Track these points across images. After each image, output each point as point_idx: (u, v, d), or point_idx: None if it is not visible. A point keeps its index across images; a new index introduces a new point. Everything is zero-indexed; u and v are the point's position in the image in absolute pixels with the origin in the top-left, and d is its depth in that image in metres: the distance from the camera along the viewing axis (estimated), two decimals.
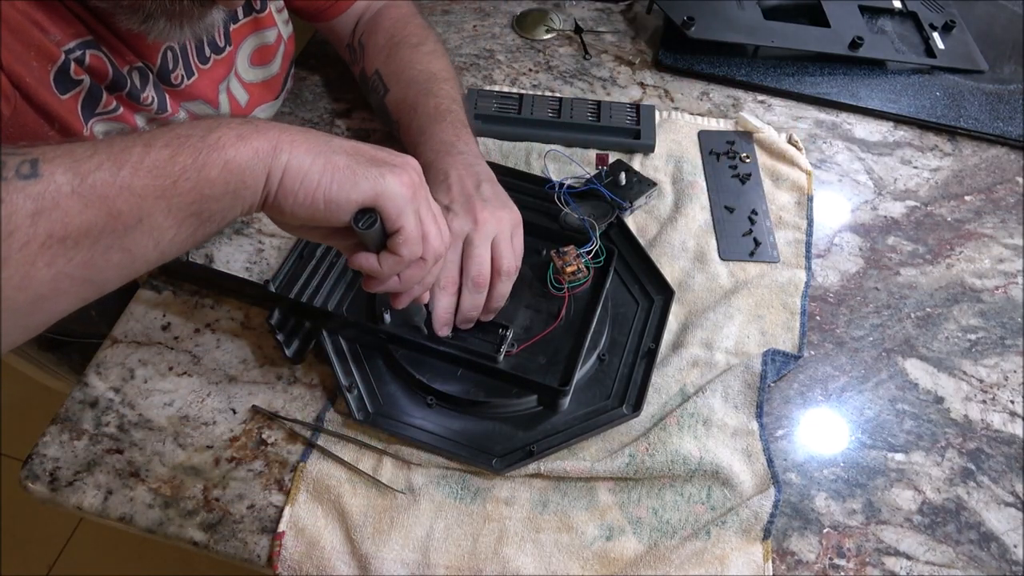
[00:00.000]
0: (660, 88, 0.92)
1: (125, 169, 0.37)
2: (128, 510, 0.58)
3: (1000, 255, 0.77)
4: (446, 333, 0.62)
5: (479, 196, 0.63)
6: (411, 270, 0.50)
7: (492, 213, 0.62)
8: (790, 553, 0.58)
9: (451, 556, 0.56)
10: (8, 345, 0.38)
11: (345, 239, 0.49)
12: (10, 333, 0.37)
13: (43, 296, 0.37)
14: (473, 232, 0.61)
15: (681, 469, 0.59)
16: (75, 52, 0.56)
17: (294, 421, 0.62)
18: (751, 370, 0.64)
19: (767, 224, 0.77)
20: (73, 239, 0.36)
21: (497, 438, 0.61)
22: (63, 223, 0.36)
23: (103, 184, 0.37)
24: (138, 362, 0.66)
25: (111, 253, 0.38)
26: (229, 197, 0.41)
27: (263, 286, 0.67)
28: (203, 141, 0.40)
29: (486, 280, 0.61)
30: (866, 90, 0.92)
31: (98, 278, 0.38)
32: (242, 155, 0.40)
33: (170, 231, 0.39)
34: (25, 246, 0.35)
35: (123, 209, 0.37)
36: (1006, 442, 0.64)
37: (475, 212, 0.61)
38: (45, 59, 0.54)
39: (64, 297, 0.38)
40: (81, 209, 0.36)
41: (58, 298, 0.38)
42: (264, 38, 0.76)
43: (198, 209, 0.40)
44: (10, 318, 0.36)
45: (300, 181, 0.42)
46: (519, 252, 0.64)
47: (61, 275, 0.36)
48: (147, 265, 0.40)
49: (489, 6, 1.02)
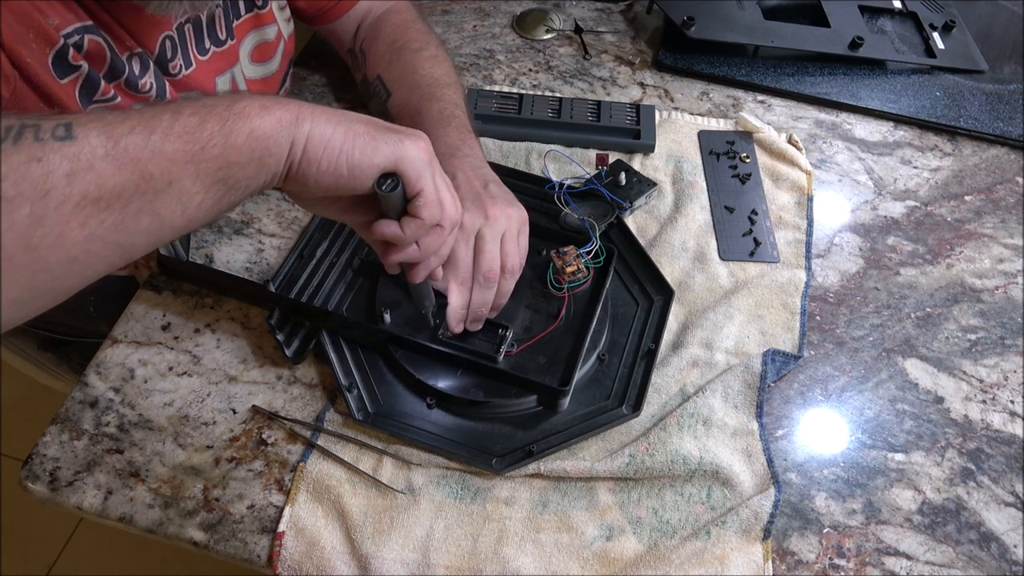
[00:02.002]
0: (660, 88, 0.92)
1: (156, 134, 0.38)
2: (128, 510, 0.58)
3: (1000, 255, 0.77)
4: (460, 330, 0.63)
5: (487, 194, 0.64)
6: (430, 237, 0.51)
7: (502, 210, 0.63)
8: (790, 553, 0.58)
9: (451, 556, 0.56)
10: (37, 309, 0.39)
11: (361, 214, 0.50)
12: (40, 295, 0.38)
13: (75, 258, 0.37)
14: (484, 227, 0.61)
15: (681, 469, 0.59)
16: (73, 37, 0.56)
17: (294, 421, 0.62)
18: (751, 370, 0.64)
19: (767, 224, 0.77)
20: (106, 201, 0.37)
21: (497, 438, 0.61)
22: (97, 184, 0.36)
23: (135, 147, 0.38)
24: (138, 362, 0.66)
25: (141, 217, 0.39)
26: (254, 165, 0.42)
27: (263, 286, 0.67)
28: (229, 110, 0.41)
29: (497, 275, 0.61)
30: (866, 90, 0.92)
31: (127, 243, 0.39)
32: (266, 123, 0.41)
33: (197, 196, 0.40)
34: (61, 205, 0.35)
35: (154, 172, 0.38)
36: (1006, 442, 0.64)
37: (486, 208, 0.62)
38: (44, 42, 0.54)
39: (94, 261, 0.38)
40: (114, 171, 0.37)
41: (88, 261, 0.38)
42: (264, 35, 0.77)
43: (224, 175, 0.41)
44: (42, 279, 0.37)
45: (323, 148, 0.43)
46: (524, 251, 0.64)
47: (93, 237, 0.37)
48: (174, 232, 0.41)
49: (489, 6, 1.02)
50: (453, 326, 0.62)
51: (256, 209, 0.77)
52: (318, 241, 0.71)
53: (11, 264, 0.35)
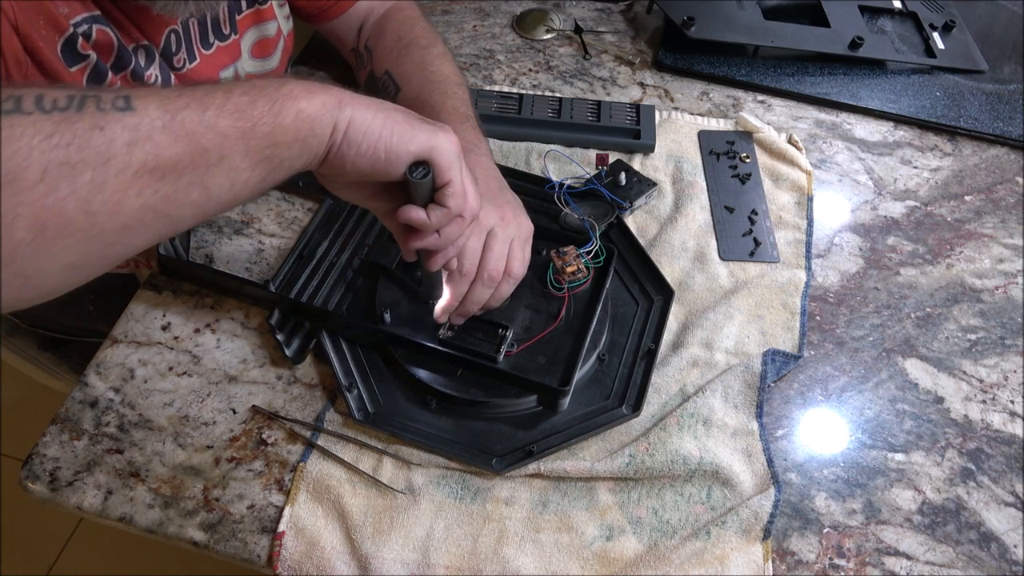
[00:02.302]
0: (660, 88, 0.92)
1: (210, 110, 0.40)
2: (128, 510, 0.58)
3: (1000, 255, 0.77)
4: (444, 320, 0.63)
5: (503, 197, 0.65)
6: (452, 227, 0.52)
7: (515, 216, 0.64)
8: (790, 553, 0.58)
9: (451, 556, 0.56)
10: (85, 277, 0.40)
11: (387, 201, 0.51)
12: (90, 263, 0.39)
13: (128, 226, 0.38)
14: (498, 227, 0.62)
15: (681, 469, 0.59)
16: (82, 26, 0.57)
17: (294, 421, 0.62)
18: (751, 370, 0.64)
19: (767, 224, 0.77)
20: (162, 171, 0.38)
21: (497, 438, 0.61)
22: (155, 155, 0.38)
23: (190, 121, 0.39)
24: (138, 362, 0.66)
25: (192, 190, 0.40)
26: (299, 145, 0.43)
27: (263, 286, 0.67)
28: (278, 91, 0.42)
29: (500, 275, 0.61)
30: (866, 90, 0.92)
31: (176, 214, 0.40)
32: (312, 106, 0.43)
33: (245, 173, 0.42)
34: (120, 173, 0.37)
35: (208, 146, 0.39)
36: (1006, 442, 0.64)
37: (502, 210, 0.63)
38: (54, 29, 0.55)
39: (144, 230, 0.40)
40: (171, 143, 0.38)
41: (139, 230, 0.39)
42: (265, 31, 0.77)
43: (271, 154, 0.42)
44: (96, 246, 0.38)
45: (363, 133, 0.45)
46: (527, 259, 0.65)
47: (146, 207, 0.38)
48: (219, 207, 0.42)
49: (489, 6, 1.02)
50: (438, 314, 0.62)
51: (256, 209, 0.77)
52: (318, 241, 0.71)
53: (70, 228, 0.36)
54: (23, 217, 0.34)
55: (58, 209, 0.35)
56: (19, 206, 0.34)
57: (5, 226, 0.34)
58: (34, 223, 0.35)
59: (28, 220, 0.34)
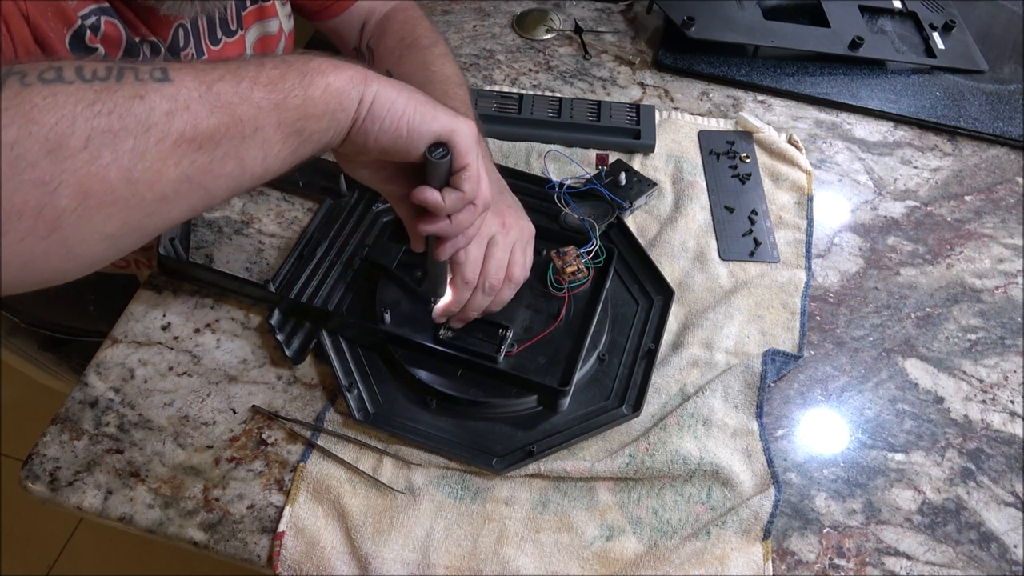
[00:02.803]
0: (660, 88, 0.92)
1: (244, 82, 0.41)
2: (128, 510, 0.58)
3: (1000, 255, 0.77)
4: (442, 320, 0.63)
5: (504, 201, 0.65)
6: (464, 213, 0.52)
7: (516, 220, 0.64)
8: (790, 553, 0.58)
9: (451, 556, 0.56)
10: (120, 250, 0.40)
11: (401, 185, 0.52)
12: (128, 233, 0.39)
13: (166, 197, 0.39)
14: (499, 234, 0.61)
15: (681, 469, 0.59)
16: (90, 19, 0.57)
17: (294, 421, 0.62)
18: (751, 370, 0.64)
19: (767, 224, 0.77)
20: (199, 141, 0.39)
21: (497, 438, 0.61)
22: (193, 124, 0.38)
23: (226, 93, 0.40)
24: (138, 362, 0.66)
25: (227, 161, 0.40)
26: (328, 118, 0.44)
27: (263, 286, 0.67)
28: (306, 66, 0.43)
29: (500, 283, 0.61)
30: (866, 90, 0.92)
31: (212, 186, 0.41)
32: (340, 80, 0.44)
33: (276, 145, 0.42)
34: (160, 142, 0.37)
35: (243, 117, 0.40)
36: (1006, 442, 0.64)
37: (503, 215, 0.63)
38: (62, 21, 0.55)
39: (181, 202, 0.40)
40: (208, 113, 0.39)
41: (176, 201, 0.40)
42: (267, 28, 0.77)
43: (301, 127, 0.43)
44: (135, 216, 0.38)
45: (388, 108, 0.45)
46: (529, 264, 0.65)
47: (184, 177, 0.39)
48: (252, 180, 0.43)
49: (489, 6, 1.02)
50: (437, 316, 0.62)
51: (256, 209, 0.77)
52: (318, 241, 0.71)
53: (112, 197, 0.36)
54: (68, 184, 0.34)
55: (101, 176, 0.35)
56: (64, 173, 0.34)
57: (50, 193, 0.34)
58: (78, 190, 0.35)
59: (72, 187, 0.35)
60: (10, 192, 0.33)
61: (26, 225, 0.34)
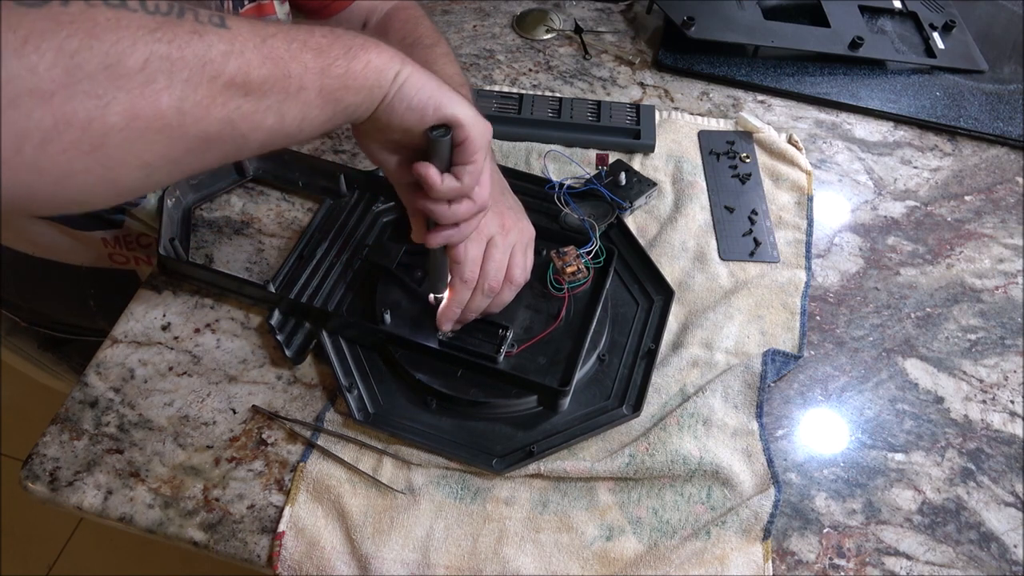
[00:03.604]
0: (660, 88, 0.92)
1: (295, 43, 0.42)
2: (128, 510, 0.58)
3: (1000, 255, 0.77)
4: (447, 328, 0.63)
5: (504, 203, 0.64)
6: (462, 205, 0.53)
7: (516, 222, 0.63)
8: (790, 553, 0.58)
9: (451, 556, 0.56)
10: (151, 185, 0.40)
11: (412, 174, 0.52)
12: (163, 167, 0.39)
13: (208, 136, 0.39)
14: (498, 236, 0.61)
15: (681, 469, 0.59)
16: None
17: (294, 421, 0.62)
18: (751, 370, 0.64)
19: (767, 224, 0.77)
20: (248, 88, 0.40)
21: (497, 438, 0.61)
22: (245, 70, 0.39)
23: (278, 47, 0.41)
24: (138, 362, 0.66)
25: (269, 114, 0.41)
26: (364, 93, 0.45)
27: (263, 286, 0.67)
28: (353, 40, 0.45)
29: (499, 285, 0.61)
30: (866, 90, 0.92)
31: (251, 136, 0.41)
32: (381, 59, 0.45)
33: (315, 109, 0.43)
34: (214, 79, 0.38)
35: (292, 74, 0.41)
36: (1006, 442, 0.64)
37: (503, 217, 0.62)
38: None
39: (219, 145, 0.41)
40: (260, 62, 0.40)
41: (215, 144, 0.40)
42: None
43: (340, 96, 0.44)
44: (176, 150, 0.39)
45: (418, 89, 0.47)
46: (530, 265, 0.65)
47: (228, 121, 0.39)
48: (284, 139, 0.44)
49: (489, 6, 1.02)
50: (441, 324, 0.62)
51: (256, 209, 0.77)
52: (318, 241, 0.71)
53: (159, 123, 0.37)
54: (120, 102, 0.35)
55: (153, 101, 0.36)
56: (119, 91, 0.35)
57: (102, 108, 0.34)
58: (129, 110, 0.35)
59: (124, 106, 0.35)
60: (63, 100, 0.33)
61: (72, 136, 0.34)
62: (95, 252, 0.82)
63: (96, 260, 0.83)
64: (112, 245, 0.81)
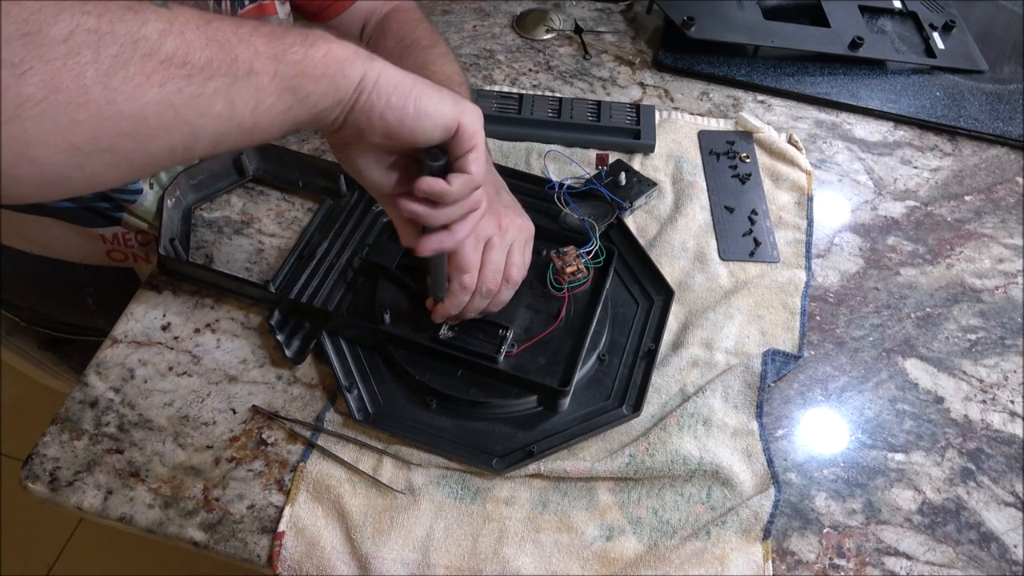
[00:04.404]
0: (660, 88, 0.92)
1: (245, 27, 0.40)
2: (128, 510, 0.58)
3: (1000, 255, 0.77)
4: (439, 321, 0.62)
5: (500, 202, 0.64)
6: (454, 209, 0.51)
7: (512, 220, 0.63)
8: (790, 553, 0.58)
9: (451, 556, 0.56)
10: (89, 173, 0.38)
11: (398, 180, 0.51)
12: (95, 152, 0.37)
13: (144, 118, 0.37)
14: (495, 236, 0.61)
15: (681, 469, 0.59)
16: None
17: (294, 421, 0.62)
18: (751, 370, 0.64)
19: (767, 224, 0.77)
20: (190, 68, 0.38)
21: (497, 438, 0.61)
22: (185, 50, 0.37)
23: (225, 31, 0.39)
24: (138, 362, 0.66)
25: (216, 99, 0.39)
26: (327, 81, 0.43)
27: (263, 286, 0.67)
28: (309, 31, 0.43)
29: (498, 287, 0.61)
30: (866, 90, 0.92)
31: (197, 123, 0.39)
32: (344, 50, 0.43)
33: (270, 97, 0.41)
34: (147, 57, 0.36)
35: (239, 56, 0.39)
36: (1006, 442, 0.64)
37: (499, 217, 0.62)
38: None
39: (159, 132, 0.38)
40: (203, 44, 0.38)
41: (153, 129, 0.38)
42: None
43: (298, 85, 0.42)
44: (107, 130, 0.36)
45: (395, 86, 0.45)
46: (527, 263, 0.64)
47: (167, 103, 0.37)
48: (239, 130, 0.42)
49: (489, 6, 1.02)
50: (436, 318, 0.62)
51: (256, 209, 0.77)
52: (318, 241, 0.71)
53: (84, 99, 0.35)
54: (38, 72, 0.33)
55: (77, 73, 0.34)
56: (36, 60, 0.33)
57: (18, 76, 0.33)
58: (48, 81, 0.33)
59: (43, 76, 0.33)
60: None
61: None
62: (93, 249, 0.82)
63: (94, 258, 0.83)
64: (111, 242, 0.81)
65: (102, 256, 0.83)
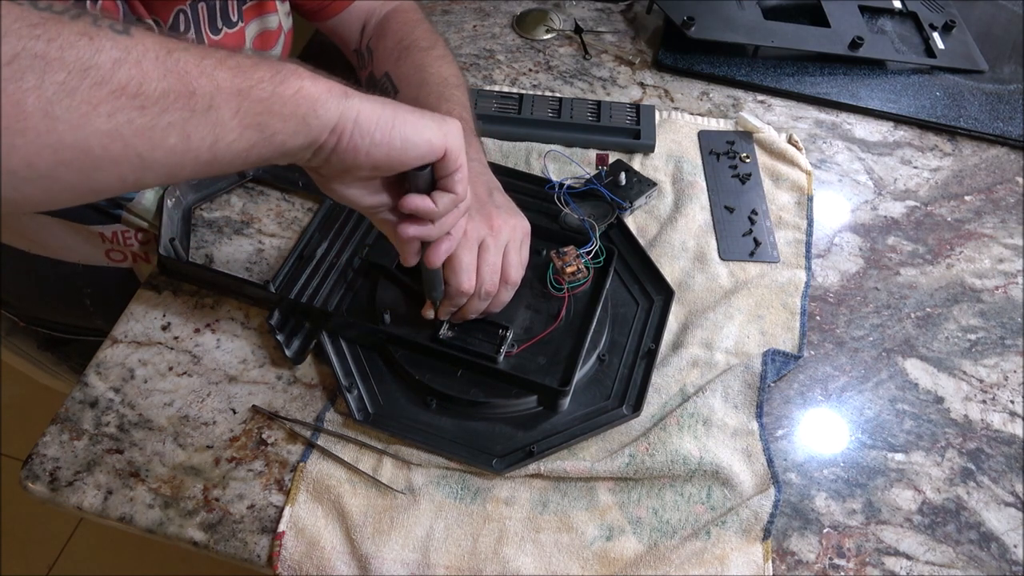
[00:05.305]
0: (660, 88, 0.92)
1: (209, 59, 0.39)
2: (128, 510, 0.58)
3: (1000, 255, 0.77)
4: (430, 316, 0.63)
5: (492, 203, 0.64)
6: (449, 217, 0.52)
7: (505, 221, 0.63)
8: (790, 553, 0.58)
9: (451, 556, 0.56)
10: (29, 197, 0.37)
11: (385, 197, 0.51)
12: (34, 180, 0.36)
13: (89, 149, 0.36)
14: (488, 238, 0.61)
15: (681, 469, 0.59)
16: None
17: (294, 421, 0.62)
18: (751, 370, 0.64)
19: (767, 224, 0.77)
20: (143, 100, 0.36)
21: (497, 438, 0.61)
22: (140, 81, 0.36)
23: (186, 62, 0.38)
24: (138, 362, 0.66)
25: (170, 133, 0.38)
26: (296, 121, 0.41)
27: (263, 286, 0.67)
28: (283, 65, 0.41)
29: (495, 289, 0.61)
30: (866, 90, 0.92)
31: (148, 156, 0.38)
32: (317, 87, 0.42)
33: (231, 134, 0.40)
34: (97, 86, 0.35)
35: (198, 89, 0.38)
36: (1006, 442, 0.64)
37: (491, 219, 0.62)
38: None
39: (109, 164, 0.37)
40: (159, 76, 0.36)
41: (101, 160, 0.36)
42: (267, 23, 0.77)
43: (264, 122, 0.40)
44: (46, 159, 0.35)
45: (376, 122, 0.44)
46: (525, 262, 0.64)
47: (116, 134, 0.36)
48: (195, 165, 0.40)
49: (489, 6, 1.02)
50: (430, 315, 0.62)
51: (256, 209, 0.77)
52: (318, 241, 0.71)
53: (23, 125, 0.33)
54: None
55: (16, 99, 0.33)
56: None
57: None
58: None
59: None
60: None
61: None
62: (92, 249, 0.82)
63: (93, 258, 0.83)
64: (110, 240, 0.81)
65: (100, 256, 0.83)
